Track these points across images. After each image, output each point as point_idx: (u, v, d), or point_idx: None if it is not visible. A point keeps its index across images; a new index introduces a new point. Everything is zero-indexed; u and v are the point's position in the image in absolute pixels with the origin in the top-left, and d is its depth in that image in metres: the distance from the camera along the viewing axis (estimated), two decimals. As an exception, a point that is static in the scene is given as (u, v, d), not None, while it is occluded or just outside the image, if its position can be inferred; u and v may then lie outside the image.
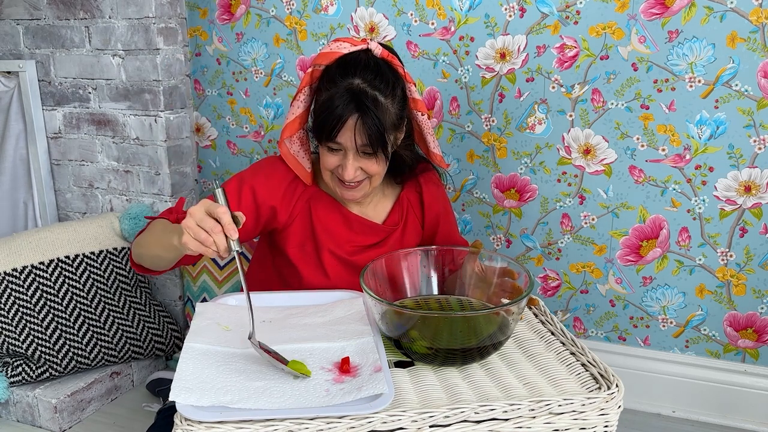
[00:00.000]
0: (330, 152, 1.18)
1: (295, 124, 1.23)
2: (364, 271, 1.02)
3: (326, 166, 1.20)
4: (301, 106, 1.22)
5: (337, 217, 1.28)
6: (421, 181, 1.35)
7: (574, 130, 1.57)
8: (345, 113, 1.12)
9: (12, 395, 1.66)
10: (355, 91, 1.12)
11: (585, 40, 1.51)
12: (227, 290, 1.81)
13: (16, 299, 1.65)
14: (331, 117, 1.12)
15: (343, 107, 1.12)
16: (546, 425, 0.84)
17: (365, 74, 1.14)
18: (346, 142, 1.14)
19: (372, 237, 1.30)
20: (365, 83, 1.13)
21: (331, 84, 1.15)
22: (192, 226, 0.91)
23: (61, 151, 1.97)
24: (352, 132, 1.13)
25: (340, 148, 1.16)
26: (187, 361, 0.90)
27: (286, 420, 0.79)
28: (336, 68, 1.15)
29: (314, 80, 1.20)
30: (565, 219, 1.64)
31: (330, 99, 1.13)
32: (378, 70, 1.15)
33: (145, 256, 1.15)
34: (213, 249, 0.91)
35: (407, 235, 1.34)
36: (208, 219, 0.91)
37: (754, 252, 1.51)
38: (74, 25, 1.82)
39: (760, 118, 1.43)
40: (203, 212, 0.91)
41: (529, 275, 0.99)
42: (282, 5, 1.74)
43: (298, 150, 1.25)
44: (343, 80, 1.13)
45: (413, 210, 1.35)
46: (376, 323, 1.00)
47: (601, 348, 1.68)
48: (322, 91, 1.17)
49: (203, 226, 0.91)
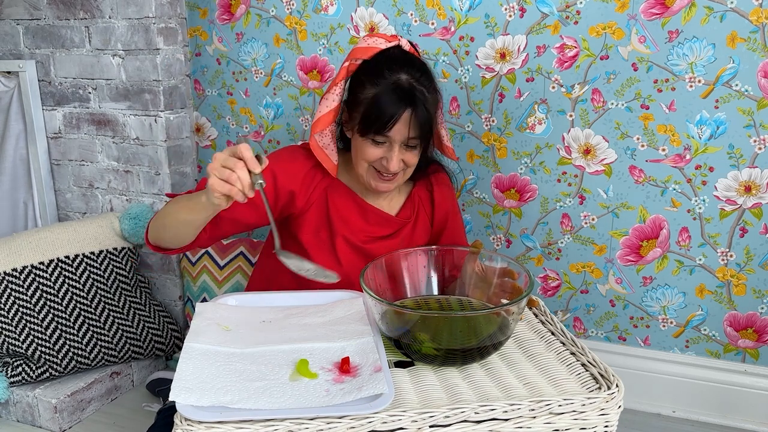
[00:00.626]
0: (374, 144, 1.21)
1: (329, 117, 1.25)
2: (364, 271, 1.02)
3: (367, 157, 1.22)
4: (336, 99, 1.25)
5: (352, 206, 1.31)
6: (433, 180, 1.39)
7: (574, 130, 1.57)
8: (400, 107, 1.16)
9: (12, 395, 1.66)
10: (405, 86, 1.17)
11: (585, 40, 1.51)
12: (227, 290, 1.81)
13: (16, 299, 1.65)
14: (386, 111, 1.16)
15: (397, 102, 1.16)
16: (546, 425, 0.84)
17: (411, 70, 1.19)
18: (396, 135, 1.18)
19: (385, 228, 1.33)
20: (413, 79, 1.18)
21: (377, 77, 1.18)
22: (216, 166, 0.97)
23: (61, 151, 1.97)
24: (404, 125, 1.17)
25: (385, 141, 1.20)
26: (187, 361, 0.90)
27: (286, 420, 0.79)
28: (381, 63, 1.20)
29: (350, 74, 1.24)
30: (565, 219, 1.64)
31: (381, 94, 1.17)
32: (422, 66, 1.21)
33: (169, 227, 1.15)
34: (238, 186, 0.96)
35: (417, 230, 1.37)
36: (230, 158, 0.96)
37: (755, 252, 1.51)
38: (74, 25, 1.82)
39: (760, 118, 1.43)
40: (226, 153, 0.97)
41: (529, 275, 0.99)
42: (282, 5, 1.74)
43: (328, 143, 1.28)
44: (391, 75, 1.18)
45: (424, 207, 1.39)
46: (376, 323, 1.00)
47: (601, 348, 1.68)
48: (366, 85, 1.20)
49: (226, 165, 0.96)
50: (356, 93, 1.22)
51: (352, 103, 1.23)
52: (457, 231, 1.44)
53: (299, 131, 1.83)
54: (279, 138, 1.86)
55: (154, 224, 1.20)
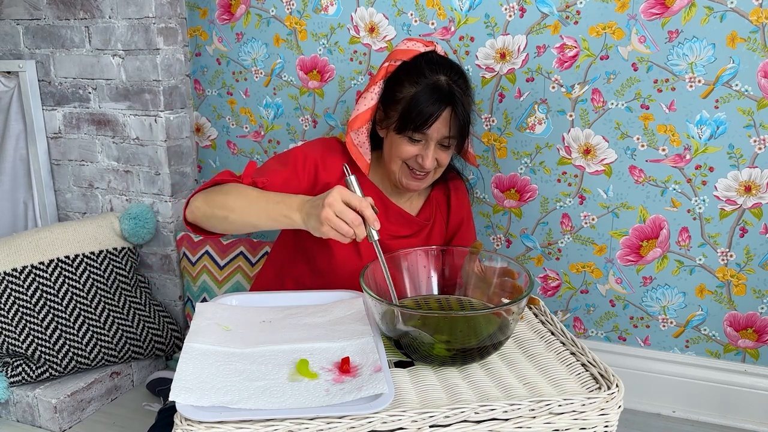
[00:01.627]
0: (410, 142, 1.24)
1: (366, 115, 1.29)
2: (364, 270, 1.02)
3: (403, 155, 1.25)
4: (375, 98, 1.29)
5: (377, 204, 1.33)
6: (451, 186, 1.43)
7: (574, 130, 1.57)
8: (440, 106, 1.19)
9: (12, 395, 1.66)
10: (444, 86, 1.21)
11: (585, 40, 1.51)
12: (227, 290, 1.81)
13: (16, 299, 1.65)
14: (425, 110, 1.19)
15: (438, 100, 1.19)
16: (546, 425, 0.84)
17: (449, 72, 1.23)
18: (434, 133, 1.22)
19: (406, 228, 1.37)
20: (451, 81, 1.22)
21: (418, 77, 1.22)
22: (332, 218, 0.96)
23: (61, 151, 1.97)
24: (444, 124, 1.21)
25: (422, 139, 1.23)
26: (187, 361, 0.90)
27: (286, 420, 0.79)
28: (421, 64, 1.24)
29: (389, 75, 1.27)
30: (565, 219, 1.63)
31: (421, 93, 1.20)
32: (459, 70, 1.26)
33: (231, 221, 1.12)
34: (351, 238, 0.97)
35: (434, 232, 1.41)
36: (348, 211, 0.96)
37: (755, 252, 1.51)
38: (74, 25, 1.82)
39: (760, 118, 1.43)
40: (342, 204, 0.96)
41: (529, 275, 0.99)
42: (282, 5, 1.74)
43: (363, 141, 1.31)
44: (431, 75, 1.22)
45: (440, 211, 1.42)
46: (376, 323, 1.00)
47: (601, 348, 1.68)
48: (405, 84, 1.23)
49: (344, 218, 0.96)
50: (394, 92, 1.25)
51: (389, 101, 1.26)
52: (469, 237, 1.46)
53: (299, 131, 1.83)
54: (279, 138, 1.86)
55: (204, 207, 1.15)
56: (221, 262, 1.82)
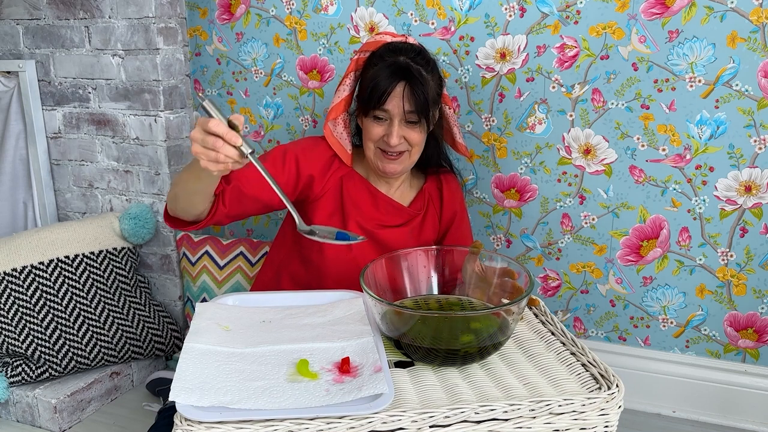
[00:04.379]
0: (376, 122, 1.27)
1: (341, 107, 1.32)
2: (364, 270, 1.02)
3: (371, 137, 1.28)
4: (347, 89, 1.33)
5: (366, 195, 1.36)
6: (443, 179, 1.45)
7: (574, 130, 1.57)
8: (393, 81, 1.23)
9: (12, 395, 1.66)
10: (402, 64, 1.24)
11: (585, 40, 1.51)
12: (227, 290, 1.81)
13: (16, 299, 1.65)
14: (380, 85, 1.23)
15: (391, 76, 1.23)
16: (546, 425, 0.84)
17: (409, 53, 1.27)
18: (393, 108, 1.24)
19: (396, 218, 1.38)
20: (410, 59, 1.26)
21: (378, 60, 1.27)
22: (200, 150, 0.93)
23: (60, 151, 1.96)
24: (400, 99, 1.23)
25: (386, 117, 1.26)
26: (187, 362, 0.90)
27: (286, 420, 0.79)
28: (382, 50, 1.28)
29: (359, 66, 1.32)
30: (565, 219, 1.63)
31: (378, 71, 1.24)
32: (421, 51, 1.29)
33: (181, 196, 1.14)
34: (228, 164, 0.93)
35: (426, 224, 1.42)
36: (208, 137, 0.92)
37: (755, 252, 1.51)
38: (74, 25, 1.82)
39: (760, 118, 1.43)
40: (201, 132, 0.93)
41: (529, 275, 0.99)
42: (282, 5, 1.74)
43: (341, 132, 1.34)
44: (391, 57, 1.26)
45: (433, 203, 1.43)
46: (376, 323, 1.00)
47: (601, 348, 1.68)
48: (370, 70, 1.27)
49: (207, 146, 0.92)
50: (363, 78, 1.29)
51: (359, 89, 1.30)
52: (464, 232, 1.47)
53: (299, 131, 1.83)
54: (279, 138, 1.86)
55: (169, 196, 1.20)
56: (221, 262, 1.82)
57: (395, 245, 1.32)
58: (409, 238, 1.38)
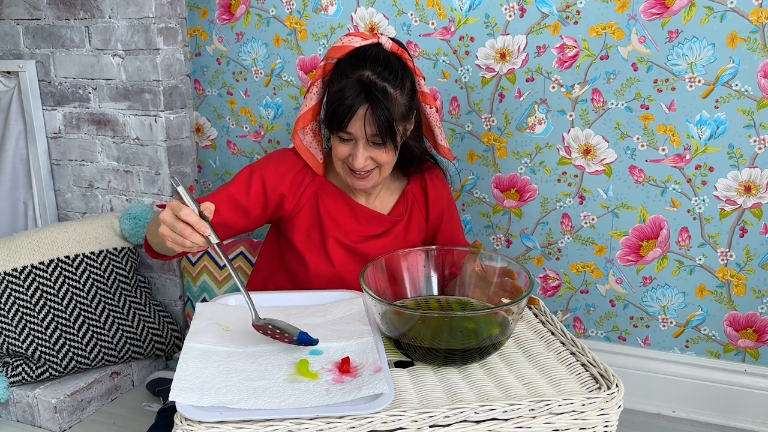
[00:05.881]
0: (341, 142, 1.21)
1: (308, 116, 1.27)
2: (364, 271, 1.02)
3: (338, 155, 1.23)
4: (314, 98, 1.26)
5: (343, 207, 1.31)
6: (427, 177, 1.38)
7: (574, 130, 1.57)
8: (355, 103, 1.15)
9: (12, 395, 1.66)
10: (365, 82, 1.15)
11: (585, 40, 1.51)
12: (227, 290, 1.81)
13: (16, 299, 1.65)
14: (341, 107, 1.16)
15: (353, 98, 1.15)
16: (546, 425, 0.84)
17: (375, 66, 1.17)
18: (357, 131, 1.18)
19: (377, 227, 1.33)
20: (375, 75, 1.16)
21: (342, 76, 1.18)
22: (167, 233, 0.96)
23: (61, 151, 1.97)
24: (362, 122, 1.16)
25: (351, 138, 1.20)
26: (187, 361, 0.90)
27: (286, 420, 0.79)
28: (347, 60, 1.19)
29: (327, 73, 1.24)
30: (565, 219, 1.64)
31: (341, 90, 1.17)
32: (388, 62, 1.18)
33: (158, 244, 1.18)
34: (195, 248, 0.97)
35: (411, 227, 1.37)
36: (177, 223, 0.95)
37: (754, 252, 1.51)
38: (74, 25, 1.82)
39: (760, 118, 1.43)
40: (172, 217, 0.95)
41: (529, 275, 0.99)
42: (282, 5, 1.74)
43: (311, 141, 1.29)
44: (354, 72, 1.17)
45: (418, 204, 1.38)
46: (376, 323, 1.00)
47: (601, 348, 1.68)
48: (334, 83, 1.20)
49: (176, 231, 0.95)
50: (328, 91, 1.23)
51: (326, 101, 1.24)
52: (454, 228, 1.43)
53: (299, 131, 1.83)
54: (279, 138, 1.86)
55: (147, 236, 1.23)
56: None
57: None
58: (393, 246, 1.31)
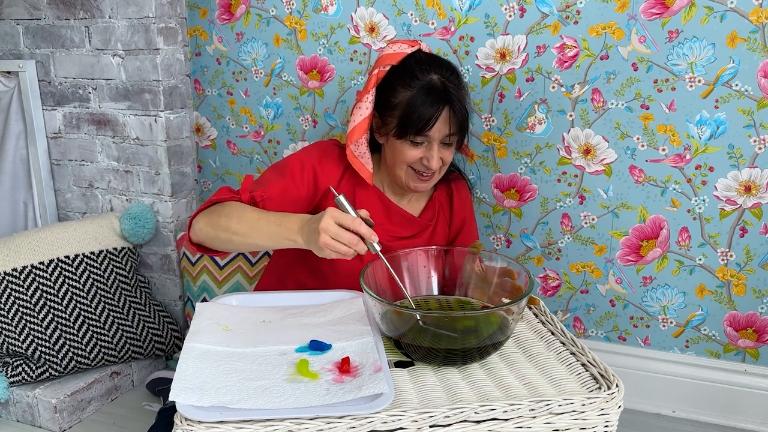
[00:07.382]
0: (413, 146, 1.24)
1: (364, 126, 1.27)
2: (364, 270, 1.02)
3: (407, 159, 1.25)
4: (369, 107, 1.27)
5: (378, 206, 1.33)
6: (453, 186, 1.43)
7: (574, 130, 1.57)
8: (438, 106, 1.19)
9: (12, 395, 1.66)
10: (439, 86, 1.20)
11: (585, 40, 1.51)
12: (227, 290, 1.81)
13: (16, 299, 1.65)
14: (424, 112, 1.19)
15: (434, 101, 1.19)
16: (546, 425, 0.84)
17: (440, 70, 1.22)
18: (435, 133, 1.22)
19: (408, 229, 1.36)
20: (444, 78, 1.22)
21: (411, 80, 1.21)
22: (330, 242, 0.97)
23: (61, 151, 1.97)
24: (444, 123, 1.21)
25: (424, 141, 1.23)
26: (187, 361, 0.90)
27: (286, 420, 0.79)
28: (413, 65, 1.22)
29: (379, 81, 1.26)
30: (565, 219, 1.63)
31: (417, 95, 1.20)
32: (449, 65, 1.25)
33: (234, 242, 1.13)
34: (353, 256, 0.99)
35: (437, 232, 1.40)
36: (343, 232, 0.97)
37: (754, 252, 1.51)
38: (74, 25, 1.82)
39: (760, 118, 1.43)
40: (336, 227, 0.97)
41: (529, 275, 0.99)
42: (282, 5, 1.74)
43: (364, 151, 1.29)
44: (424, 76, 1.21)
45: (443, 211, 1.42)
46: (376, 323, 1.00)
47: (601, 348, 1.68)
48: (398, 89, 1.22)
49: (341, 241, 0.97)
50: (389, 98, 1.24)
51: (385, 108, 1.25)
52: (472, 238, 1.46)
53: (299, 131, 1.83)
54: (279, 138, 1.86)
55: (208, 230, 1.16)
56: (221, 262, 1.82)
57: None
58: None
